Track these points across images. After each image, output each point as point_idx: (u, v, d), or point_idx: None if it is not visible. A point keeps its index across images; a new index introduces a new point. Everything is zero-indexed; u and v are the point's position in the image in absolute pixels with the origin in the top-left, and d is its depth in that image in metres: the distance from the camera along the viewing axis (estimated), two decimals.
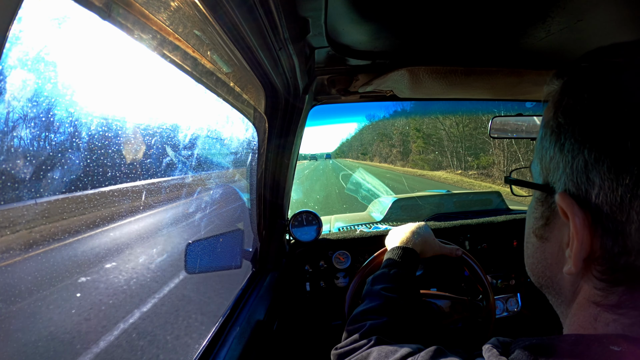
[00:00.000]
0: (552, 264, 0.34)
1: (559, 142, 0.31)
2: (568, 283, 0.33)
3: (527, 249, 0.39)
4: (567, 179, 0.30)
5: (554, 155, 0.31)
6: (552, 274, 0.35)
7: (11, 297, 2.66)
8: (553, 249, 0.34)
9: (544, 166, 0.33)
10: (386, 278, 0.73)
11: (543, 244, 0.35)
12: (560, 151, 0.31)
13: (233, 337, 0.79)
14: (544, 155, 0.33)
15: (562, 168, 0.30)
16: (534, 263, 0.37)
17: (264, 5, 0.48)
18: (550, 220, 0.34)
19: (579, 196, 0.29)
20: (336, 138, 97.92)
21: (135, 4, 0.40)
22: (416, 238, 0.85)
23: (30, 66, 0.41)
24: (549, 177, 0.33)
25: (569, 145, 0.30)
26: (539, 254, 0.36)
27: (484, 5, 0.62)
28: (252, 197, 1.11)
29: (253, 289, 1.05)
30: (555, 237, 0.33)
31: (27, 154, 0.53)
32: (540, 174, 0.34)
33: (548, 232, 0.34)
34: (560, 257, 0.33)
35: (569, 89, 0.32)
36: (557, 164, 0.31)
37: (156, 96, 1.76)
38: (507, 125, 1.29)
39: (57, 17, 0.40)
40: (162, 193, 4.75)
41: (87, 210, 3.93)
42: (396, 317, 0.63)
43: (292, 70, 0.76)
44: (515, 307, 1.36)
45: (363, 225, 1.66)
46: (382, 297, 0.67)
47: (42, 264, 3.26)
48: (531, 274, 0.39)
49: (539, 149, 0.35)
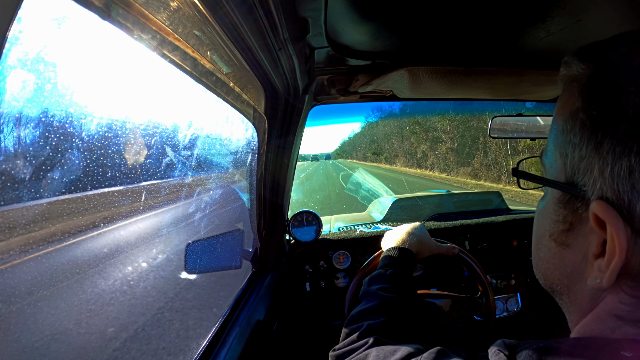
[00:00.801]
0: (572, 272, 0.31)
1: (594, 139, 0.27)
2: (588, 294, 0.30)
3: (539, 251, 0.35)
4: (604, 185, 0.26)
5: (586, 154, 0.27)
6: (571, 282, 0.32)
7: (11, 298, 2.66)
8: (575, 257, 0.31)
9: (570, 164, 0.29)
10: (383, 278, 0.73)
11: (563, 250, 0.32)
12: (595, 151, 0.27)
13: (233, 337, 0.79)
14: (569, 152, 0.29)
15: (598, 171, 0.27)
16: (549, 269, 0.34)
17: (264, 6, 0.48)
18: (574, 226, 0.30)
19: (619, 205, 0.26)
20: (337, 138, 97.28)
21: (135, 4, 0.40)
22: (412, 239, 0.85)
23: (30, 66, 0.41)
24: (577, 177, 0.29)
25: (608, 145, 0.26)
26: (557, 260, 0.33)
27: (484, 5, 0.62)
28: (252, 197, 1.11)
29: (253, 289, 1.05)
30: (580, 244, 0.30)
31: (26, 154, 0.53)
32: (561, 170, 0.31)
33: (571, 238, 0.31)
34: (582, 266, 0.30)
35: (606, 75, 0.28)
36: (589, 165, 0.27)
37: (156, 97, 1.76)
38: (507, 125, 1.30)
39: (56, 17, 0.40)
40: (162, 194, 4.75)
41: (88, 210, 3.93)
42: (394, 317, 0.63)
43: (291, 70, 0.76)
44: (515, 307, 1.36)
45: (363, 226, 1.65)
46: (379, 297, 0.67)
47: (42, 264, 3.26)
48: (543, 279, 0.36)
49: (560, 142, 0.31)
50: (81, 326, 2.51)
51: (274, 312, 1.06)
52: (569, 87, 0.31)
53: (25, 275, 3.00)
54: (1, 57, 0.23)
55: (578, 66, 0.30)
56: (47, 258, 3.38)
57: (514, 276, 1.37)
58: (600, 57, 0.29)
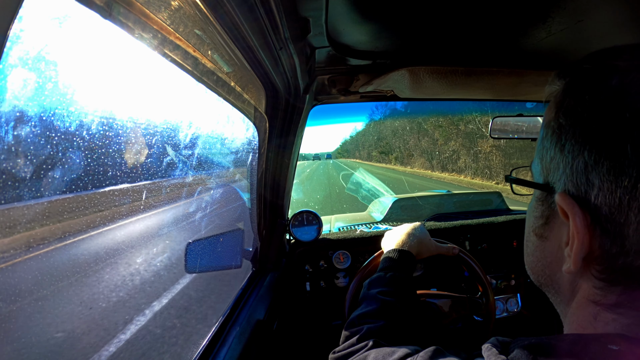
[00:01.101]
0: (551, 262, 0.35)
1: (560, 142, 0.31)
2: (567, 282, 0.34)
3: (527, 247, 0.39)
4: (567, 180, 0.30)
5: (555, 155, 0.32)
6: (552, 272, 0.35)
7: (12, 297, 2.66)
8: (552, 247, 0.34)
9: (545, 166, 0.34)
10: (382, 281, 0.73)
11: (543, 242, 0.36)
12: (560, 152, 0.31)
13: (233, 336, 0.79)
14: (544, 155, 0.34)
15: (562, 168, 0.31)
16: (534, 261, 0.38)
17: (265, 5, 0.48)
18: (550, 220, 0.34)
19: (578, 197, 0.29)
20: (338, 137, 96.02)
21: (136, 3, 0.40)
22: (412, 240, 0.85)
23: (31, 65, 0.41)
24: (549, 177, 0.33)
25: (569, 146, 0.30)
26: (539, 252, 0.37)
27: (485, 5, 0.62)
28: (252, 196, 1.11)
29: (253, 289, 1.05)
30: (555, 236, 0.34)
31: (27, 153, 0.53)
32: (540, 173, 0.35)
33: (548, 231, 0.35)
34: (559, 255, 0.33)
35: (571, 90, 0.32)
36: (557, 164, 0.32)
37: (157, 96, 1.75)
38: (507, 125, 1.29)
39: (57, 16, 0.40)
40: (163, 193, 4.75)
41: (88, 209, 3.93)
42: (393, 321, 0.63)
43: (292, 70, 0.76)
44: (515, 307, 1.36)
45: (363, 225, 1.65)
46: (379, 301, 0.67)
47: (43, 263, 3.27)
48: (531, 272, 0.39)
49: (539, 149, 0.35)
50: (80, 327, 2.51)
51: (274, 312, 1.06)
52: (550, 102, 0.36)
53: (25, 274, 3.00)
54: (2, 56, 0.23)
55: (556, 83, 0.35)
56: (47, 257, 3.38)
57: (514, 276, 1.37)
58: (571, 74, 0.33)
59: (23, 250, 3.25)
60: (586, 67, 0.32)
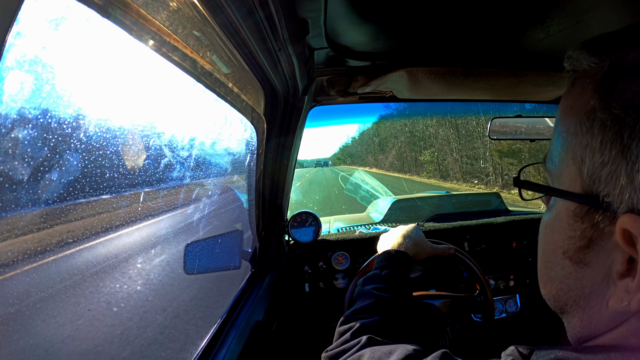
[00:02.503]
0: (590, 294, 0.28)
1: (619, 141, 0.24)
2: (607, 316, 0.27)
3: (550, 270, 0.31)
4: (634, 194, 0.23)
5: (610, 159, 0.24)
6: (587, 304, 0.28)
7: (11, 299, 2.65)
8: (595, 277, 0.27)
9: (589, 171, 0.26)
10: (378, 279, 0.71)
11: (580, 269, 0.28)
12: (622, 155, 0.23)
13: (232, 337, 0.79)
14: (586, 156, 0.26)
15: (627, 178, 0.23)
16: (562, 289, 0.30)
17: (264, 6, 0.48)
18: (594, 242, 0.27)
19: None
20: (337, 140, 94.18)
21: (135, 5, 0.40)
22: (407, 242, 0.83)
23: (27, 67, 0.40)
24: (597, 186, 0.25)
25: (638, 149, 0.23)
26: (572, 281, 0.29)
27: (483, 6, 0.62)
28: (251, 198, 1.11)
29: (252, 290, 1.05)
30: (601, 263, 0.26)
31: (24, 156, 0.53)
32: (575, 179, 0.27)
33: (590, 256, 0.27)
34: (604, 287, 0.27)
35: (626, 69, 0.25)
36: (614, 171, 0.24)
37: (155, 98, 1.76)
38: (506, 126, 1.30)
39: (54, 17, 0.39)
40: (160, 195, 4.74)
41: (85, 212, 3.91)
42: (388, 316, 0.61)
43: (291, 71, 0.76)
44: (514, 308, 1.36)
45: (362, 226, 1.65)
46: (374, 296, 0.65)
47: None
48: (553, 300, 0.32)
49: (573, 146, 0.27)
50: (80, 330, 2.50)
51: (273, 313, 1.06)
52: (578, 84, 0.28)
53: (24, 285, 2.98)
54: (1, 59, 0.23)
55: (589, 60, 0.27)
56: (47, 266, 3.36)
57: (513, 277, 1.37)
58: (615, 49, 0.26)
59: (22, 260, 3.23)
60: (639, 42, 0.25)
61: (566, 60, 0.29)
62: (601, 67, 0.26)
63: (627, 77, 0.24)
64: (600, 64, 0.26)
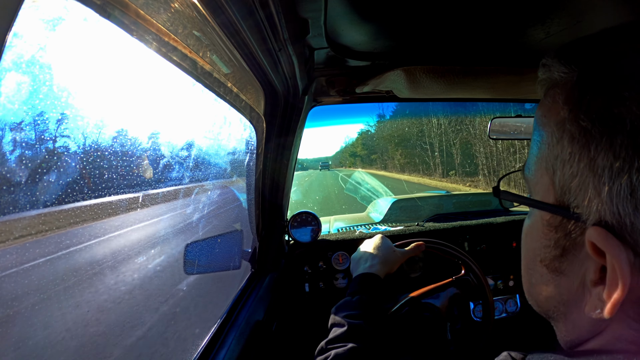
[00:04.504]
0: (568, 300, 0.28)
1: (587, 154, 0.24)
2: (588, 321, 0.27)
3: (531, 277, 0.32)
4: (602, 207, 0.23)
5: (578, 171, 0.24)
6: (568, 310, 0.29)
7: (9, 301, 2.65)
8: (571, 285, 0.28)
9: (560, 182, 0.26)
10: (350, 306, 0.71)
11: (557, 277, 0.29)
12: (589, 168, 0.24)
13: (232, 337, 0.79)
14: (557, 167, 0.26)
15: (594, 191, 0.23)
16: (543, 295, 0.31)
17: (264, 6, 0.48)
18: (568, 252, 0.27)
19: (620, 230, 0.23)
20: (339, 139, 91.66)
21: (134, 5, 0.40)
22: (376, 261, 0.82)
23: (25, 68, 0.40)
24: (568, 197, 0.26)
25: (604, 161, 0.23)
26: (552, 288, 0.30)
27: (484, 6, 0.62)
28: (251, 198, 1.11)
29: (252, 290, 1.05)
30: (575, 271, 0.27)
31: (22, 158, 0.52)
32: (548, 189, 0.28)
33: (565, 264, 0.28)
34: (580, 294, 0.27)
35: (594, 80, 0.24)
36: (582, 183, 0.24)
37: (155, 98, 1.75)
38: (506, 126, 1.30)
39: (52, 18, 0.39)
40: (159, 195, 4.74)
41: (85, 214, 3.91)
42: (362, 343, 0.62)
43: (291, 71, 0.76)
44: (514, 308, 1.36)
45: (362, 226, 1.65)
46: (346, 324, 0.65)
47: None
48: (537, 305, 0.33)
49: (546, 156, 0.28)
50: (78, 329, 2.50)
51: (273, 313, 1.05)
52: (550, 94, 0.28)
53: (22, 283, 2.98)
54: (0, 58, 0.23)
55: (559, 70, 0.27)
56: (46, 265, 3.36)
57: (512, 277, 1.37)
58: (585, 58, 0.26)
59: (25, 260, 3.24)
60: (613, 49, 0.25)
61: (540, 69, 0.29)
62: (571, 77, 0.26)
63: (594, 89, 0.24)
64: (570, 74, 0.26)
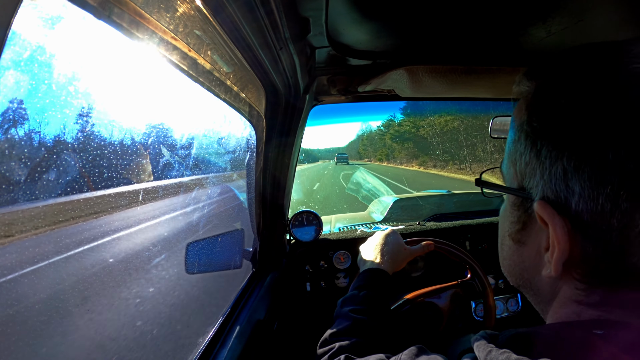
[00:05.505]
0: (529, 266, 0.35)
1: (535, 147, 0.31)
2: (547, 284, 0.34)
3: (503, 250, 0.39)
4: (545, 186, 0.30)
5: (530, 160, 0.31)
6: (530, 276, 0.35)
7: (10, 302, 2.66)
8: (530, 252, 0.34)
9: (519, 170, 0.33)
10: (355, 300, 0.72)
11: (520, 247, 0.36)
12: (536, 157, 0.30)
13: (233, 336, 0.79)
14: (517, 159, 0.33)
15: (539, 174, 0.30)
16: (511, 265, 0.38)
17: (265, 5, 0.48)
18: (527, 225, 0.34)
19: (558, 203, 0.29)
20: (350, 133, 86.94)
21: (134, 4, 0.40)
22: (385, 257, 0.83)
23: (24, 67, 0.40)
24: (525, 182, 0.32)
25: (546, 152, 0.29)
26: (516, 257, 0.36)
27: (485, 5, 0.62)
28: (252, 197, 1.11)
29: (253, 289, 1.05)
30: (533, 241, 0.34)
31: (21, 155, 0.52)
32: (514, 177, 0.34)
33: (525, 236, 0.35)
34: (538, 260, 0.33)
35: (544, 92, 0.31)
36: (533, 169, 0.31)
37: (156, 97, 1.74)
38: (507, 125, 1.29)
39: (51, 17, 0.39)
40: (159, 193, 4.74)
41: (86, 210, 3.92)
42: (366, 338, 0.63)
43: (292, 70, 0.76)
44: (515, 307, 1.36)
45: (364, 225, 1.65)
46: (351, 318, 0.66)
47: None
48: (508, 275, 0.39)
49: (511, 151, 0.34)
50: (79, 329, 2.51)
51: (274, 312, 1.06)
52: (518, 103, 0.35)
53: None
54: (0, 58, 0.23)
55: (525, 84, 0.34)
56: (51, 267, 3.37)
57: None
58: (542, 75, 0.33)
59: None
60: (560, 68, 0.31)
61: (514, 84, 0.36)
62: (531, 89, 0.33)
63: (544, 99, 0.31)
64: (531, 87, 0.33)
